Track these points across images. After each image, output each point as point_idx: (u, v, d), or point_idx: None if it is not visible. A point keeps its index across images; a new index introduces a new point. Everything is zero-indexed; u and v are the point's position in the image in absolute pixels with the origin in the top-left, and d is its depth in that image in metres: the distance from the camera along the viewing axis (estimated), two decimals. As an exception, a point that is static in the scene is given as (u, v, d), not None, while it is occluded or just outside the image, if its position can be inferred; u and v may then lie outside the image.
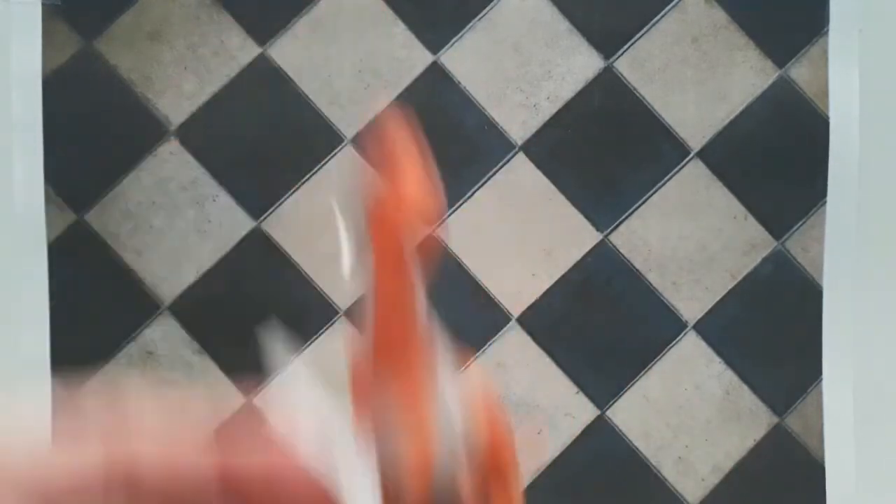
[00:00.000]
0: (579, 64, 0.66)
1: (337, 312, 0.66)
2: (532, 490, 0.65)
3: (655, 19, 0.66)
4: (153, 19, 0.66)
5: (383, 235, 0.18)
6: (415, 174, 0.17)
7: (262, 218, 0.66)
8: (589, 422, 0.66)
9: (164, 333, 0.65)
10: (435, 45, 0.66)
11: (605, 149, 0.66)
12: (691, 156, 0.66)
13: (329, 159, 0.66)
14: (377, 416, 0.19)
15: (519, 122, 0.66)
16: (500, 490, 0.21)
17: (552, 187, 0.66)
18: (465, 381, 0.20)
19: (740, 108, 0.66)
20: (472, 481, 0.20)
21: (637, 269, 0.66)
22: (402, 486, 0.19)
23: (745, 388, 0.66)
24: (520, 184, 0.66)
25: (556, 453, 0.66)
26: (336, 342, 0.66)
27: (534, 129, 0.66)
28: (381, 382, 0.19)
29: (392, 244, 0.17)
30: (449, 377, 0.19)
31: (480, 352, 0.65)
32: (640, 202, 0.66)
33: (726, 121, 0.66)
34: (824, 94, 0.66)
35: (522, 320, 0.66)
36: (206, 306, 0.66)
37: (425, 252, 0.17)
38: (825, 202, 0.66)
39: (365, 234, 0.19)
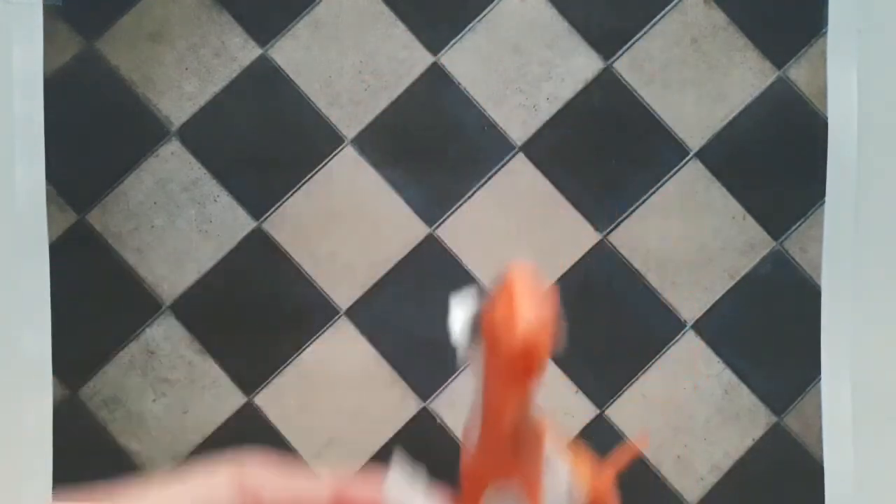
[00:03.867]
0: (579, 64, 0.66)
1: (337, 312, 0.66)
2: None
3: (655, 20, 0.67)
4: (154, 20, 0.66)
5: (496, 341, 0.19)
6: (532, 300, 0.18)
7: (262, 218, 0.66)
8: (588, 421, 0.66)
9: (165, 333, 0.66)
10: (435, 45, 0.66)
11: (605, 149, 0.66)
12: (690, 156, 0.67)
13: (329, 159, 0.66)
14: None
15: (519, 123, 0.66)
16: None
17: (552, 187, 0.66)
18: (578, 474, 0.21)
19: (739, 109, 0.67)
20: None
21: (636, 269, 0.66)
22: None
23: (744, 387, 0.66)
24: (520, 184, 0.66)
25: (556, 452, 0.66)
26: (336, 342, 0.66)
27: (534, 130, 0.66)
28: (492, 482, 0.20)
29: (504, 350, 0.18)
30: (560, 473, 0.20)
31: (480, 351, 0.65)
32: (639, 202, 0.66)
33: (725, 121, 0.67)
34: (823, 94, 0.67)
35: (522, 320, 0.66)
36: (207, 306, 0.66)
37: (536, 358, 0.18)
38: (823, 202, 0.66)
39: (478, 338, 0.20)
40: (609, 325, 0.66)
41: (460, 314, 0.20)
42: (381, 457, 0.66)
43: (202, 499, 0.18)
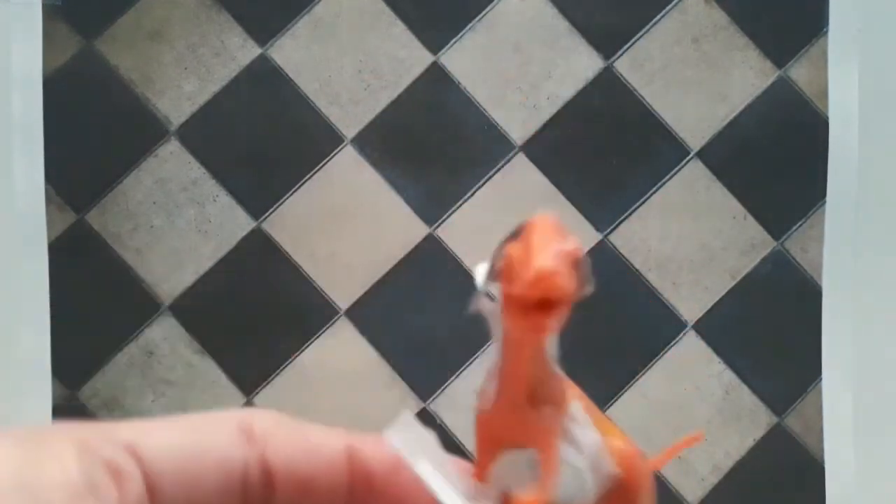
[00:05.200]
0: (579, 64, 0.66)
1: (337, 312, 0.66)
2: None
3: (655, 19, 0.67)
4: (154, 19, 0.66)
5: (512, 279, 0.17)
6: (553, 239, 0.17)
7: (262, 218, 0.66)
8: (589, 421, 0.66)
9: (164, 333, 0.66)
10: (435, 45, 0.66)
11: (605, 149, 0.66)
12: (691, 156, 0.66)
13: (329, 159, 0.66)
14: (502, 468, 0.19)
15: (519, 122, 0.66)
16: None
17: (552, 187, 0.66)
18: (606, 446, 0.19)
19: (740, 109, 0.67)
20: None
21: (637, 269, 0.66)
22: None
23: (745, 387, 0.66)
24: (520, 184, 0.66)
25: (556, 453, 0.66)
26: (336, 342, 0.66)
27: (534, 129, 0.66)
28: (507, 442, 0.18)
29: (519, 287, 0.16)
30: (584, 441, 0.19)
31: (480, 352, 0.65)
32: (640, 202, 0.66)
33: (726, 121, 0.66)
34: (824, 94, 0.66)
35: (522, 320, 0.66)
36: (207, 306, 0.66)
37: (552, 293, 0.16)
38: (824, 202, 0.66)
39: (498, 289, 0.18)
40: (609, 325, 0.66)
41: (482, 268, 0.18)
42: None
43: (201, 443, 0.17)
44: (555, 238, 0.16)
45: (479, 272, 0.18)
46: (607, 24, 0.66)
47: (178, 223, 0.66)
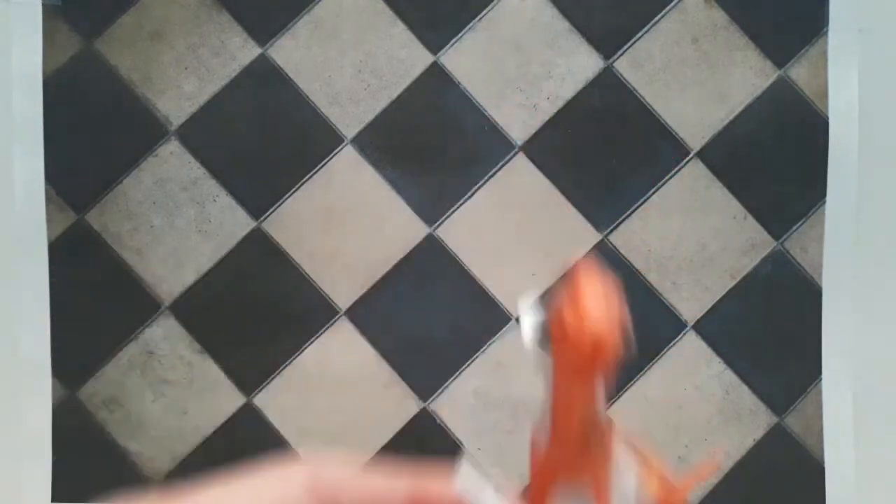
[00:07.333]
0: (579, 64, 0.66)
1: (337, 312, 0.66)
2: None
3: (655, 19, 0.67)
4: (154, 19, 0.66)
5: (565, 339, 0.20)
6: (600, 298, 0.20)
7: (262, 218, 0.66)
8: (589, 421, 0.66)
9: (164, 333, 0.66)
10: (435, 45, 0.66)
11: (605, 149, 0.66)
12: (691, 156, 0.66)
13: (329, 159, 0.66)
14: (558, 502, 0.20)
15: (519, 122, 0.66)
16: None
17: (552, 187, 0.66)
18: (645, 479, 0.22)
19: (740, 109, 0.67)
20: None
21: (637, 270, 0.66)
22: None
23: (745, 387, 0.66)
24: (520, 184, 0.66)
25: (556, 453, 0.66)
26: (336, 342, 0.66)
27: (534, 129, 0.66)
28: (561, 478, 0.20)
29: (572, 347, 0.20)
30: (628, 475, 0.21)
31: (480, 352, 0.65)
32: (640, 202, 0.66)
33: (726, 121, 0.66)
34: (824, 94, 0.66)
35: (522, 320, 0.66)
36: (207, 306, 0.66)
37: (604, 353, 0.20)
38: (824, 202, 0.66)
39: (549, 340, 0.21)
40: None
41: (529, 320, 0.22)
42: (382, 457, 0.66)
43: (276, 499, 0.18)
44: (602, 297, 0.19)
45: (526, 324, 0.21)
46: (607, 24, 0.66)
47: (178, 223, 0.66)
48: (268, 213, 0.66)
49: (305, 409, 0.65)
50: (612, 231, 0.66)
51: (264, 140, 0.66)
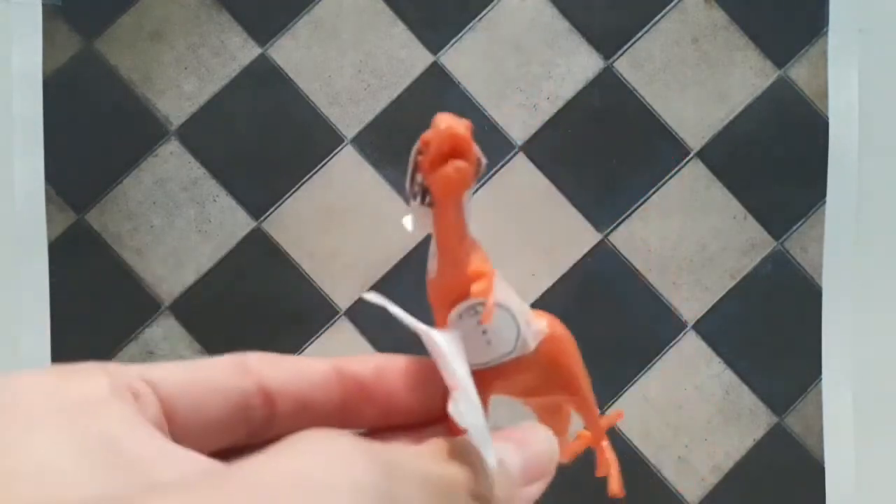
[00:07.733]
0: (579, 64, 0.66)
1: (337, 312, 0.66)
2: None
3: (655, 19, 0.67)
4: (154, 19, 0.66)
5: (435, 170, 0.21)
6: (450, 118, 0.21)
7: (262, 218, 0.66)
8: (589, 421, 0.66)
9: (164, 333, 0.66)
10: (435, 45, 0.66)
11: (605, 149, 0.66)
12: (691, 156, 0.66)
13: (329, 159, 0.66)
14: (455, 318, 0.22)
15: (519, 122, 0.66)
16: (559, 381, 0.24)
17: (552, 187, 0.66)
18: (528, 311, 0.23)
19: (740, 109, 0.67)
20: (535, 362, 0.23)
21: (637, 269, 0.66)
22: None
23: (745, 387, 0.66)
24: (520, 184, 0.66)
25: (556, 453, 0.66)
26: (336, 342, 0.66)
27: (534, 129, 0.66)
28: (454, 291, 0.22)
29: (439, 152, 0.21)
30: (506, 289, 0.22)
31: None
32: (640, 202, 0.66)
33: (726, 121, 0.66)
34: (824, 94, 0.66)
35: (522, 320, 0.66)
36: (207, 306, 0.66)
37: (467, 159, 0.21)
38: (824, 202, 0.66)
39: (421, 174, 0.23)
40: (609, 325, 0.66)
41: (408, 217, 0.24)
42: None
43: (204, 375, 0.19)
44: (451, 117, 0.21)
45: (406, 220, 0.24)
46: (607, 24, 0.66)
47: (178, 223, 0.66)
48: (268, 213, 0.66)
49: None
50: (612, 231, 0.66)
51: (264, 140, 0.66)
